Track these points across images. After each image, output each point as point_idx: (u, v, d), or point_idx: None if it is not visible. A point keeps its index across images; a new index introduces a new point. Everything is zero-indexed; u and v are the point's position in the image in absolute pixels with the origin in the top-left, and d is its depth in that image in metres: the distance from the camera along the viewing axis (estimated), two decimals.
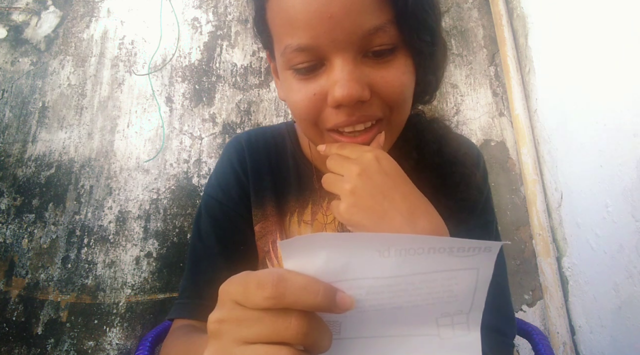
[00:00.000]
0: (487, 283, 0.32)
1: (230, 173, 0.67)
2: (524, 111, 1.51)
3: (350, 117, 0.48)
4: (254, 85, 1.56)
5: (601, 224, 1.16)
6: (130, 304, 1.28)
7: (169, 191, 1.40)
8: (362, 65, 0.48)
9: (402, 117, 0.53)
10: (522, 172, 1.50)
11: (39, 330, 1.23)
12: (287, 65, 0.49)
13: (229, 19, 1.64)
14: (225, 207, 0.65)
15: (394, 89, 0.49)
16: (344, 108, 0.48)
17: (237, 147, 0.68)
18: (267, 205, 0.65)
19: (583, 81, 1.23)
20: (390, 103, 0.50)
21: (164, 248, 1.34)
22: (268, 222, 0.65)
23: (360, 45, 0.46)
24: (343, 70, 0.46)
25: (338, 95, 0.46)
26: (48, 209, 1.35)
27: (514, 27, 1.61)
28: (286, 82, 0.52)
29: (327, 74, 0.48)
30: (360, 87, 0.46)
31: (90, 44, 1.57)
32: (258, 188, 0.66)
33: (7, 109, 1.46)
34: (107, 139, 1.45)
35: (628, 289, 1.07)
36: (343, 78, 0.46)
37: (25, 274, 1.28)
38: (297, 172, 0.67)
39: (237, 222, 0.65)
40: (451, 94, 1.62)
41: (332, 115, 0.49)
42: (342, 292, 0.29)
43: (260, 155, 0.68)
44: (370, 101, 0.48)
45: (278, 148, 0.69)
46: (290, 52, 0.48)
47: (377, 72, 0.48)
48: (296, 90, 0.50)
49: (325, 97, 0.48)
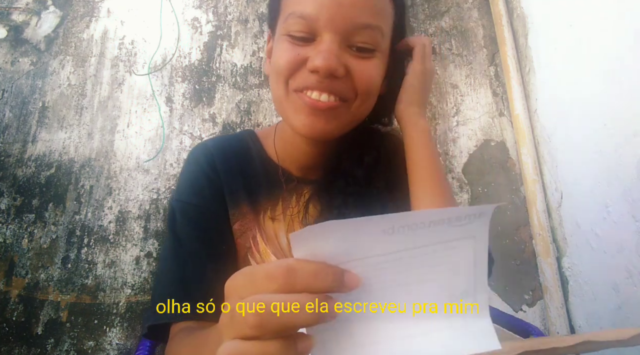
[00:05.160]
0: (484, 254, 0.32)
1: (201, 176, 0.68)
2: (524, 111, 1.51)
3: (319, 84, 0.55)
4: (254, 85, 1.56)
5: (601, 224, 1.16)
6: (130, 304, 1.28)
7: (169, 191, 1.40)
8: (345, 52, 0.56)
9: (362, 107, 0.60)
10: (522, 172, 1.50)
11: (39, 330, 1.23)
12: (285, 30, 0.57)
13: (229, 19, 1.64)
14: (202, 209, 0.66)
15: (366, 78, 0.57)
16: (318, 76, 0.54)
17: (204, 152, 0.70)
18: (242, 204, 0.67)
19: (583, 81, 1.23)
20: (358, 89, 0.57)
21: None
22: (246, 219, 0.67)
23: (349, 34, 0.55)
24: (329, 45, 0.54)
25: (318, 62, 0.53)
26: (48, 209, 1.35)
27: (514, 27, 1.61)
28: (279, 45, 0.58)
29: (314, 46, 0.55)
30: (338, 64, 0.54)
31: (90, 44, 1.57)
32: (231, 188, 0.67)
33: (7, 109, 1.46)
34: (107, 139, 1.45)
35: (628, 289, 1.07)
36: (326, 50, 0.53)
37: (25, 274, 1.28)
38: (265, 173, 0.70)
39: (216, 222, 0.66)
40: (451, 94, 1.62)
41: (304, 76, 0.56)
42: (350, 272, 0.30)
43: (229, 157, 0.70)
44: (343, 81, 0.56)
45: (244, 151, 0.72)
46: (293, 18, 0.55)
47: (356, 61, 0.56)
48: (284, 50, 0.57)
49: (305, 61, 0.55)
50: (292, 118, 0.59)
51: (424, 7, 1.72)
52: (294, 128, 0.59)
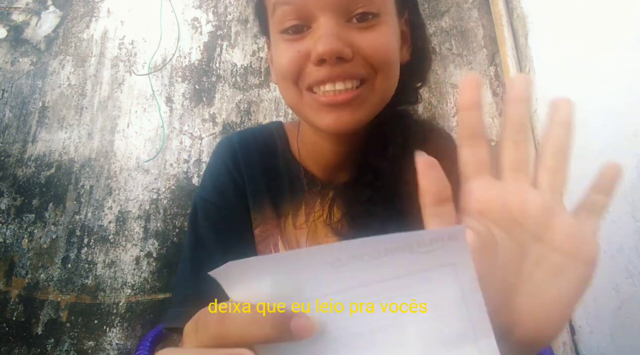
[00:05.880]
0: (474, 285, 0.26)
1: (225, 175, 0.64)
2: None
3: (331, 74, 0.48)
4: (254, 85, 1.56)
5: (601, 224, 1.16)
6: (130, 304, 1.28)
7: (169, 191, 1.40)
8: (346, 29, 0.49)
9: (387, 83, 0.52)
10: None
11: (39, 330, 1.23)
12: (277, 27, 0.51)
13: (229, 19, 1.65)
14: (223, 211, 0.63)
15: (378, 49, 0.49)
16: (326, 65, 0.48)
17: (229, 148, 0.66)
18: (266, 208, 0.64)
19: (583, 81, 1.23)
20: (374, 64, 0.50)
21: (164, 248, 1.34)
22: (268, 225, 0.64)
23: (345, 7, 0.48)
24: (327, 28, 0.48)
25: (320, 49, 0.47)
26: (48, 209, 1.35)
27: (514, 27, 1.61)
28: (277, 48, 0.53)
29: (311, 35, 0.49)
30: (342, 44, 0.47)
31: (90, 44, 1.57)
32: (254, 191, 0.64)
33: (7, 109, 1.46)
34: (107, 139, 1.45)
35: (628, 289, 1.07)
36: (326, 34, 0.47)
37: (25, 274, 1.28)
38: (288, 174, 0.66)
39: (237, 225, 0.63)
40: (451, 94, 1.62)
41: (313, 71, 0.50)
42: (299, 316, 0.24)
43: (253, 157, 0.66)
44: (354, 61, 0.49)
45: (269, 148, 0.67)
46: (279, 8, 0.50)
47: (361, 34, 0.49)
48: (283, 50, 0.51)
49: (309, 55, 0.49)
50: (314, 119, 0.53)
51: (424, 7, 1.72)
52: (320, 128, 0.53)
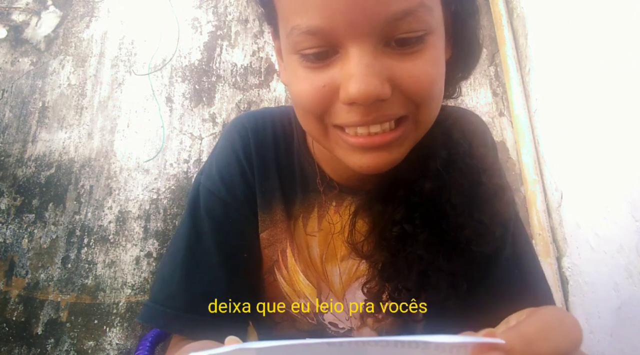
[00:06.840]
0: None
1: (234, 166, 0.57)
2: (524, 111, 1.51)
3: (365, 117, 0.40)
4: (254, 85, 1.56)
5: (601, 224, 1.16)
6: (130, 304, 1.28)
7: (169, 191, 1.40)
8: (383, 56, 0.39)
9: (430, 116, 0.44)
10: (522, 172, 1.50)
11: (39, 330, 1.23)
12: (293, 49, 0.41)
13: (229, 19, 1.64)
14: (229, 208, 0.56)
15: (421, 85, 0.40)
16: (359, 106, 0.39)
17: (242, 135, 0.58)
18: (276, 209, 0.57)
19: (583, 81, 1.23)
20: (416, 100, 0.41)
21: (164, 248, 1.34)
22: (277, 229, 0.57)
23: (383, 31, 0.38)
24: (360, 62, 0.38)
25: (353, 91, 0.37)
26: (48, 209, 1.35)
27: (514, 27, 1.61)
28: (291, 67, 0.43)
29: (341, 63, 0.39)
30: (379, 83, 0.38)
31: (90, 44, 1.57)
32: (265, 188, 0.57)
33: (7, 109, 1.46)
34: (107, 139, 1.45)
35: (628, 289, 1.07)
36: (360, 72, 0.37)
37: (25, 274, 1.28)
38: (301, 170, 0.58)
39: (242, 225, 0.56)
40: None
41: (342, 112, 0.41)
42: None
43: (268, 149, 0.57)
44: (392, 99, 0.39)
45: (286, 139, 0.59)
46: (298, 35, 0.39)
47: (401, 64, 0.39)
48: (302, 78, 0.41)
49: (337, 91, 0.40)
50: (344, 158, 0.45)
51: None
52: (351, 168, 0.45)
